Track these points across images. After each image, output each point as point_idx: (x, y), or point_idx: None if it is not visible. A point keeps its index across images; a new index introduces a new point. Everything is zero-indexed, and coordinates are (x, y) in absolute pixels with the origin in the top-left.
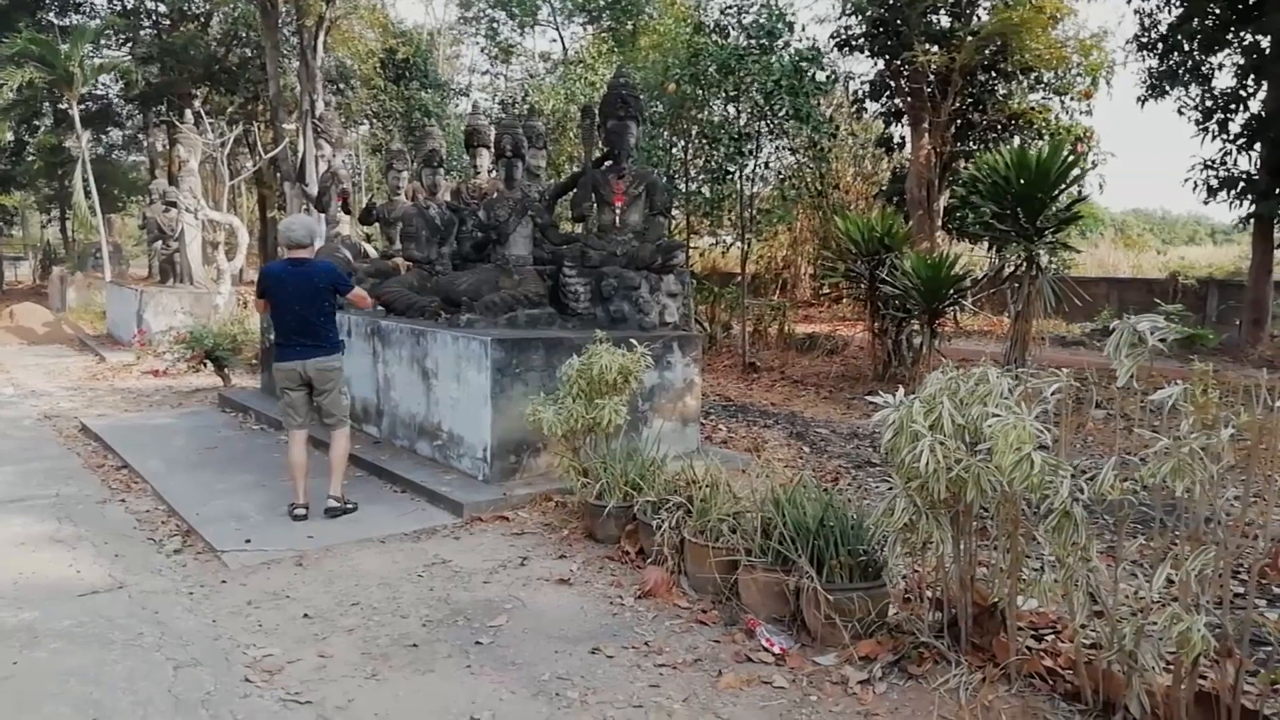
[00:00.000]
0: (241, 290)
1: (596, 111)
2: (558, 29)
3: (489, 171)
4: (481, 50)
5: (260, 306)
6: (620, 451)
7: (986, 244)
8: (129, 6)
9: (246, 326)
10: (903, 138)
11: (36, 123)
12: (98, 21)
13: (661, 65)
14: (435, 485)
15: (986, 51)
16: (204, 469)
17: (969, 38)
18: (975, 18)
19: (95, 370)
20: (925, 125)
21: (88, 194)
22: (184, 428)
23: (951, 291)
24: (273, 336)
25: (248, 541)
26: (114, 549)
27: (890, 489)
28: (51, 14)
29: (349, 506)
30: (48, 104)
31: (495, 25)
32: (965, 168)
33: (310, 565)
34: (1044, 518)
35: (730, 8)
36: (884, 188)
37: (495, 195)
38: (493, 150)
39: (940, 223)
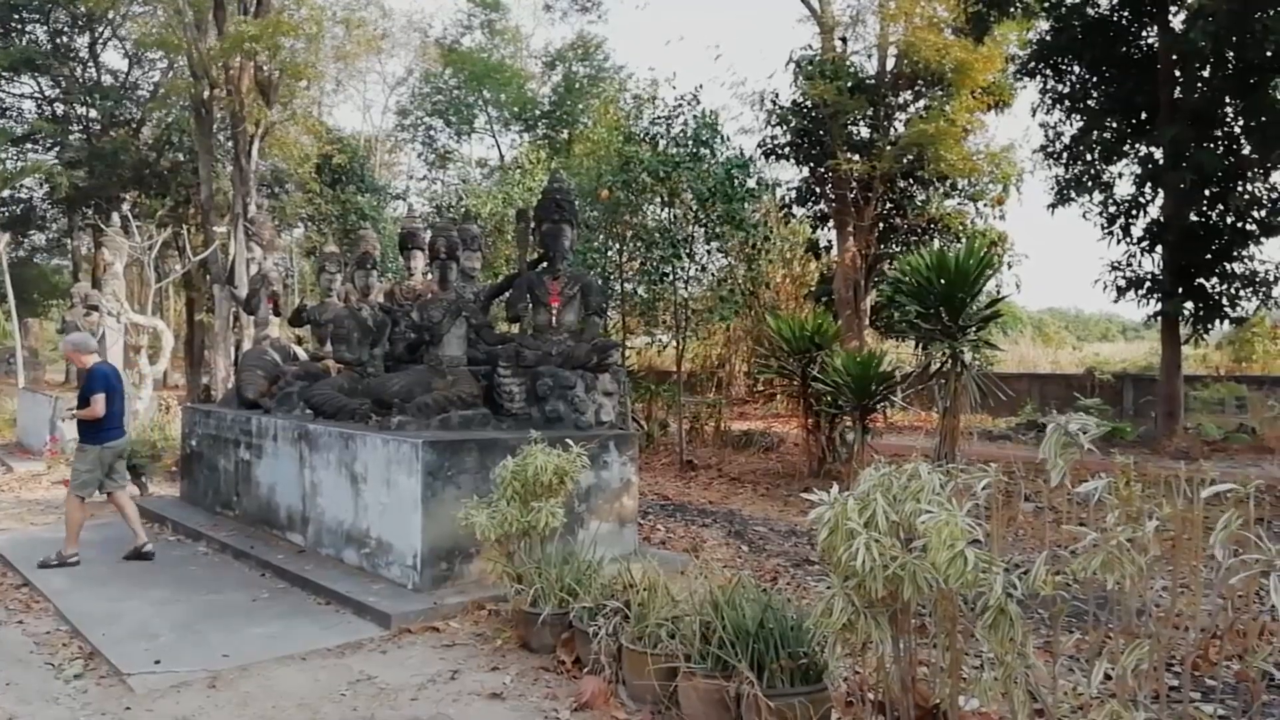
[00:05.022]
0: (164, 395)
1: (532, 214)
2: (494, 136)
3: (423, 273)
4: (419, 156)
5: (102, 401)
6: (556, 555)
7: (913, 341)
8: (59, 113)
9: (167, 433)
10: (830, 241)
11: None
12: (25, 126)
13: (595, 172)
14: (362, 596)
15: (905, 160)
16: (113, 584)
17: (888, 148)
18: (893, 129)
19: (1, 481)
20: (850, 229)
21: (3, 299)
22: (94, 541)
23: (881, 388)
24: (106, 424)
25: (157, 662)
26: (6, 676)
27: (828, 588)
28: None
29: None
30: None
31: (433, 132)
32: (890, 269)
33: (224, 686)
34: (981, 614)
35: (659, 118)
36: (813, 288)
37: (429, 296)
38: (427, 252)
39: (868, 321)
